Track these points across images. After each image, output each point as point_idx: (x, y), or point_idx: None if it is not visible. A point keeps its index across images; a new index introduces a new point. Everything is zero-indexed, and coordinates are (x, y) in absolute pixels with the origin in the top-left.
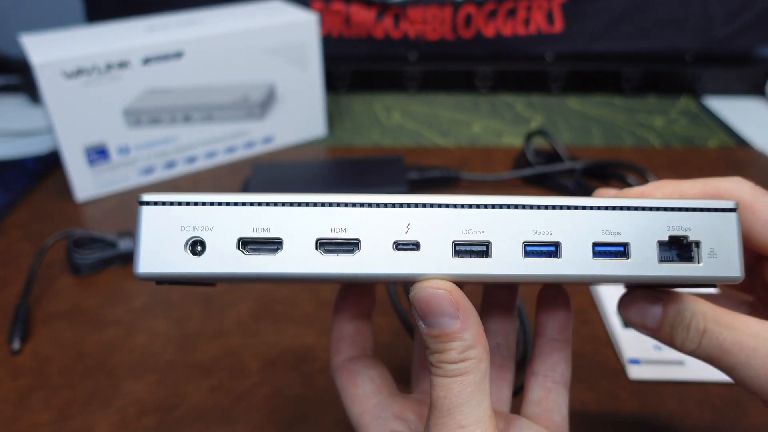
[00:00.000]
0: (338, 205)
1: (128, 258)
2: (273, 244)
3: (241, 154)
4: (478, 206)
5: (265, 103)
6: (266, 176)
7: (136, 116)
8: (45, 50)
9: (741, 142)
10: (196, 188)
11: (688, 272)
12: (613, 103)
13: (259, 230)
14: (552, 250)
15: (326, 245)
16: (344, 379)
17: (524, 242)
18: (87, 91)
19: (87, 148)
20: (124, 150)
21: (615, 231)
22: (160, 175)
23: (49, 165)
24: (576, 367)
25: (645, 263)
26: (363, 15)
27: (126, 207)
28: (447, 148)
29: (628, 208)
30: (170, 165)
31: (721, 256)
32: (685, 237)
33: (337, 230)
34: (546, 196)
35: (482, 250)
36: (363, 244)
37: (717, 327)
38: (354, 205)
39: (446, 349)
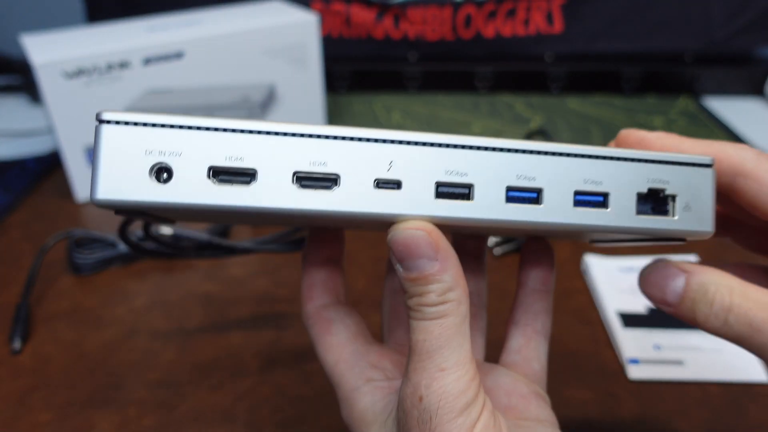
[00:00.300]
0: (318, 136)
1: (129, 258)
2: (247, 175)
3: None
4: (463, 147)
5: (265, 104)
6: None
7: None
8: (46, 50)
9: (740, 143)
10: None
11: (663, 225)
12: (612, 104)
13: (233, 159)
14: (534, 197)
15: (304, 179)
16: (318, 327)
17: (507, 186)
18: (88, 91)
19: (88, 148)
20: None
21: (597, 180)
22: None
23: (50, 165)
24: (575, 367)
25: (623, 214)
26: (363, 15)
27: None
28: None
29: (611, 158)
30: None
31: (695, 211)
32: (663, 190)
33: (316, 164)
34: (532, 141)
35: (464, 192)
36: (342, 180)
37: (746, 302)
38: (335, 137)
39: (425, 292)
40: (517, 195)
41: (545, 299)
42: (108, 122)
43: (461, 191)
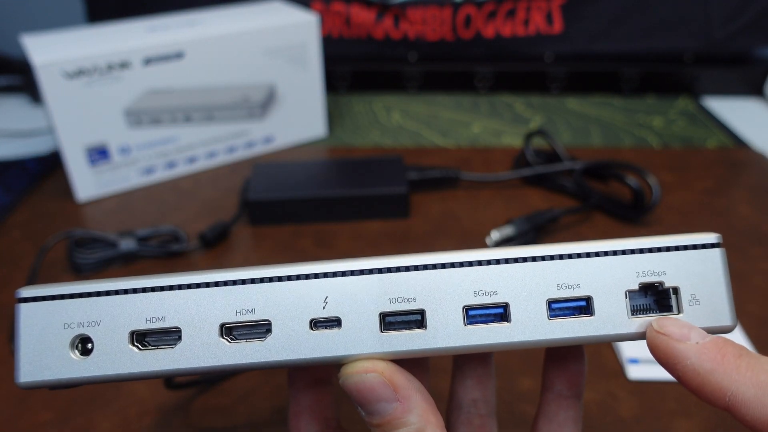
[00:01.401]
0: (242, 282)
1: (129, 258)
2: (171, 335)
3: (242, 154)
4: (407, 269)
5: (265, 104)
6: (267, 176)
7: (137, 116)
8: (46, 51)
9: (739, 143)
10: (197, 189)
11: None
12: (612, 104)
13: (154, 320)
14: (500, 313)
15: (232, 331)
16: None
17: (465, 306)
18: (88, 92)
19: (88, 148)
20: (125, 150)
21: (573, 284)
22: (161, 175)
23: (50, 165)
24: None
25: (613, 319)
26: (363, 16)
27: (127, 207)
28: (447, 148)
29: (587, 255)
30: (171, 165)
31: (706, 303)
32: (660, 283)
33: (244, 312)
34: (487, 250)
35: (416, 320)
36: (275, 327)
37: None
38: (261, 280)
39: None
40: (478, 313)
41: (574, 407)
42: (25, 300)
43: (411, 318)
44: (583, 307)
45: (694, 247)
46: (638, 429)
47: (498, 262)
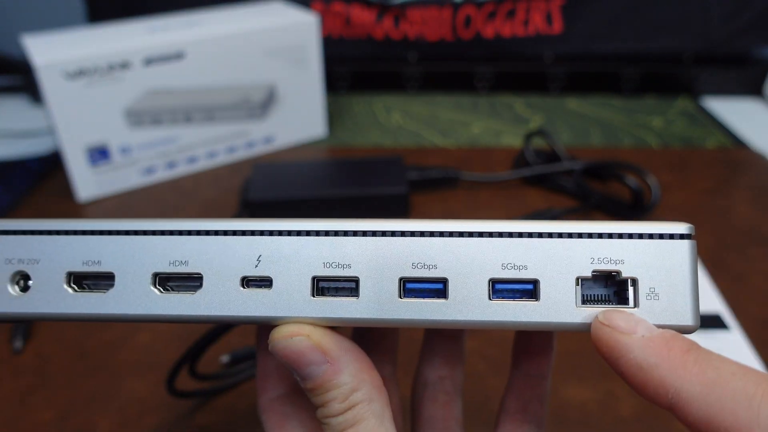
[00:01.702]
0: (179, 233)
1: None
2: (104, 279)
3: (242, 154)
4: (345, 233)
5: (265, 104)
6: (267, 176)
7: (137, 117)
8: (47, 51)
9: (739, 143)
10: (197, 189)
11: None
12: (611, 104)
13: (90, 263)
14: (439, 288)
15: (164, 281)
16: (271, 422)
17: (401, 278)
18: (89, 92)
19: (89, 148)
20: (125, 150)
21: (519, 264)
22: (162, 175)
23: (51, 165)
24: (575, 366)
25: (559, 307)
26: (363, 16)
27: (128, 207)
28: (447, 148)
29: (539, 235)
30: (171, 165)
31: (666, 298)
32: (617, 272)
33: (177, 263)
34: (430, 220)
35: (350, 287)
36: (206, 281)
37: None
38: (198, 233)
39: (326, 401)
40: (416, 287)
41: (539, 386)
42: None
43: (345, 285)
44: (530, 291)
45: (661, 236)
46: (638, 429)
47: (440, 234)
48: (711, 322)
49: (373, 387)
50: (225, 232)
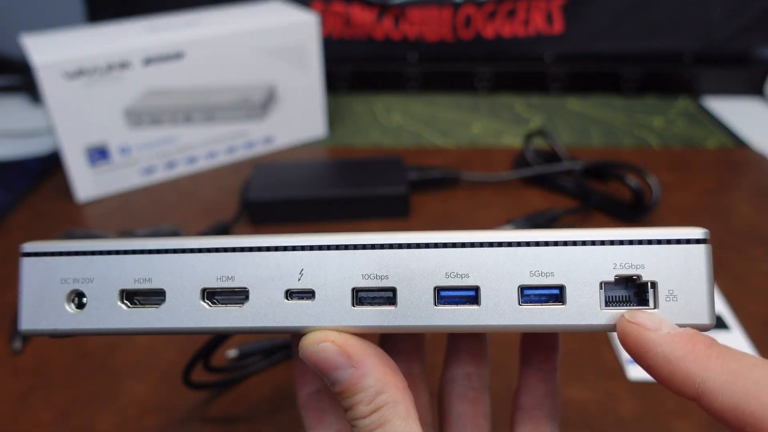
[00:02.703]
0: (226, 250)
1: None
2: (156, 296)
3: (242, 154)
4: (381, 246)
5: (265, 104)
6: (267, 177)
7: (137, 116)
8: (46, 51)
9: (739, 143)
10: (197, 189)
11: None
12: (611, 104)
13: (141, 281)
14: (470, 296)
15: (213, 295)
16: (310, 416)
17: (436, 287)
18: (88, 92)
19: (88, 148)
20: (125, 150)
21: (546, 271)
22: (161, 175)
23: (50, 165)
24: (575, 366)
25: (585, 310)
26: (363, 16)
27: (127, 207)
28: (447, 148)
29: (564, 243)
30: (171, 165)
31: (684, 299)
32: (637, 276)
33: (224, 279)
34: (461, 231)
35: (388, 297)
36: (252, 294)
37: None
38: (242, 249)
39: (353, 404)
40: (449, 295)
41: (552, 379)
42: (28, 255)
43: (384, 296)
44: (556, 295)
45: (678, 241)
46: (638, 429)
47: (471, 245)
48: None
49: (398, 389)
50: (268, 248)
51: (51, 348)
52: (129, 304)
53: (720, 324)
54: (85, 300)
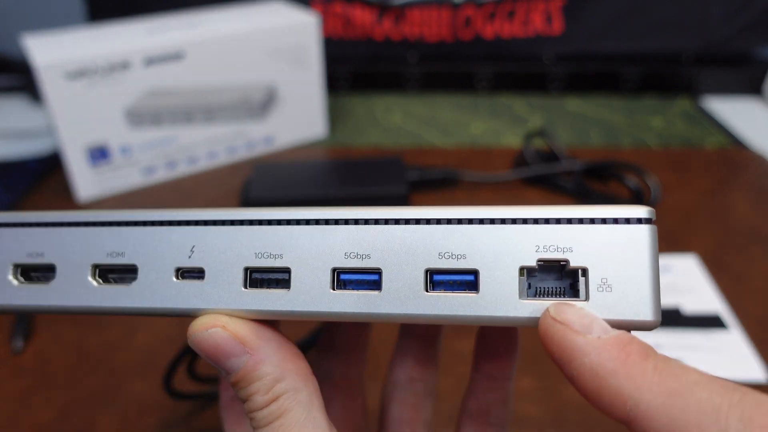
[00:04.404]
0: (112, 224)
1: None
2: (48, 271)
3: (242, 154)
4: (270, 222)
5: (265, 104)
6: (267, 177)
7: (137, 117)
8: (47, 51)
9: (738, 143)
10: (198, 189)
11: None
12: (611, 104)
13: (34, 255)
14: (374, 280)
15: (102, 273)
16: (228, 420)
17: (334, 269)
18: (89, 92)
19: (89, 148)
20: (125, 150)
21: (458, 253)
22: (162, 175)
23: (51, 165)
24: None
25: (501, 299)
26: (363, 17)
27: (128, 207)
28: (446, 148)
29: (480, 221)
30: (172, 165)
31: (619, 290)
32: (564, 261)
33: (114, 255)
34: (353, 208)
35: (282, 278)
36: (141, 272)
37: None
38: (134, 223)
39: (250, 394)
40: (351, 278)
41: (502, 388)
42: None
43: (278, 277)
44: (469, 282)
45: (615, 221)
46: None
47: (367, 222)
48: (711, 322)
49: (299, 376)
50: (161, 223)
51: (52, 348)
52: (23, 279)
53: (719, 324)
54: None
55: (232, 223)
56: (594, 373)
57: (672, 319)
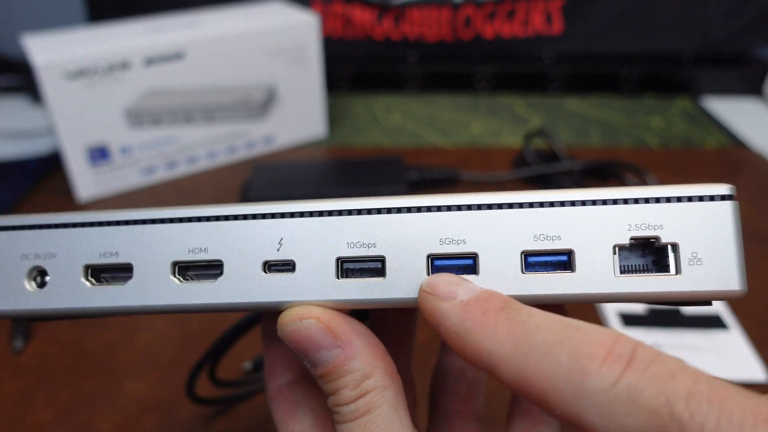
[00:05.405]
0: (194, 219)
1: None
2: (122, 271)
3: (242, 154)
4: (368, 212)
5: (265, 104)
6: (267, 177)
7: (137, 117)
8: (47, 51)
9: (738, 143)
10: (198, 189)
11: (660, 287)
12: (611, 104)
13: (107, 255)
14: (469, 264)
15: (184, 270)
16: (281, 409)
17: (429, 255)
18: (89, 92)
19: (89, 148)
20: (125, 150)
21: (552, 234)
22: (162, 175)
23: (51, 165)
24: None
25: (597, 277)
26: (363, 16)
27: (128, 207)
28: (446, 148)
29: (572, 203)
30: (172, 165)
31: (710, 263)
32: (656, 238)
33: (196, 251)
34: (457, 194)
35: (376, 268)
36: (227, 267)
37: None
38: (216, 218)
39: (337, 389)
40: (444, 264)
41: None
42: None
43: (371, 266)
44: (564, 262)
45: (701, 198)
46: None
47: (468, 207)
48: (710, 321)
49: (387, 373)
50: (245, 216)
51: (52, 347)
52: (94, 281)
53: (719, 324)
54: (45, 278)
55: (321, 214)
56: (456, 333)
57: (672, 319)
